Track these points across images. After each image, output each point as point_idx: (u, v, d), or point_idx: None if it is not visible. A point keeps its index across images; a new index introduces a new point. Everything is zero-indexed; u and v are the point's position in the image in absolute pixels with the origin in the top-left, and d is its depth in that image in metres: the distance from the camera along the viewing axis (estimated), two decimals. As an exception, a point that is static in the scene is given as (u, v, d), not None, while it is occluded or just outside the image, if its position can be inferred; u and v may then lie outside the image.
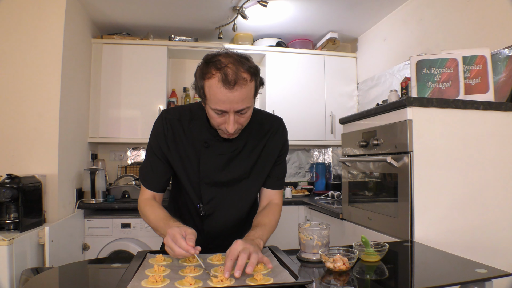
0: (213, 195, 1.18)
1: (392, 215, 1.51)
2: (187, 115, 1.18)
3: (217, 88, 0.96)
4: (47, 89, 2.14)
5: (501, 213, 1.45)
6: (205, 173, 1.16)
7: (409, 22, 2.51)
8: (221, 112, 1.00)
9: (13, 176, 1.84)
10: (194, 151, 1.16)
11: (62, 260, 2.03)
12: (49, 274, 1.12)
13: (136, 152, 3.25)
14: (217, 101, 0.98)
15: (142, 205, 1.18)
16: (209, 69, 0.97)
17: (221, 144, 1.16)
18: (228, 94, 0.96)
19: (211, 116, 1.04)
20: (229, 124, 1.01)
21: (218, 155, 1.16)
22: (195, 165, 1.16)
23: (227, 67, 0.95)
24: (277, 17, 2.84)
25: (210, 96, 0.99)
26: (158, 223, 1.08)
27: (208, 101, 1.01)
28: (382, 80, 2.82)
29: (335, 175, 3.38)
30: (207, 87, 0.99)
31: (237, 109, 0.99)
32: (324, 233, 1.08)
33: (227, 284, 0.82)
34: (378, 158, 1.60)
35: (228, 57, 0.98)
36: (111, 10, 2.70)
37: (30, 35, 2.13)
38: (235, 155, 1.17)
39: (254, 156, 1.20)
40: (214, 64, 0.97)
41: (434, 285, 0.85)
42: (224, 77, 0.94)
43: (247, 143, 1.18)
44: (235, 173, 1.18)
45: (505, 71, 1.68)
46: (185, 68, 3.36)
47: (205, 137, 1.15)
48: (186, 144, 1.16)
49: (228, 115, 1.01)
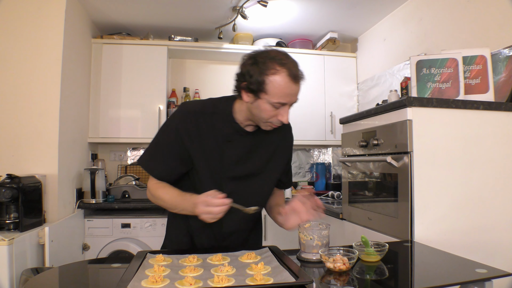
0: (232, 189, 1.19)
1: (392, 215, 1.51)
2: (209, 108, 1.19)
3: (285, 82, 1.04)
4: (47, 89, 2.14)
5: (501, 213, 1.45)
6: (228, 166, 1.18)
7: (409, 22, 2.51)
8: (280, 105, 1.07)
9: (13, 176, 1.84)
10: (216, 144, 1.17)
11: (62, 260, 2.03)
12: (49, 274, 1.12)
13: (136, 152, 3.25)
14: (281, 95, 1.05)
15: (153, 189, 1.19)
16: (272, 65, 1.04)
17: (243, 138, 1.19)
18: (293, 88, 1.06)
19: (264, 109, 1.08)
20: (285, 115, 1.09)
21: (240, 149, 1.19)
22: (217, 159, 1.17)
23: (289, 63, 1.05)
24: (277, 17, 2.84)
25: (274, 90, 1.04)
26: (175, 200, 1.14)
27: (268, 95, 1.05)
28: (382, 80, 2.82)
29: (335, 175, 3.38)
30: (269, 82, 1.04)
31: (294, 101, 1.10)
32: (324, 233, 1.08)
33: (227, 284, 0.82)
34: (378, 158, 1.60)
35: (282, 54, 1.07)
36: (111, 10, 2.70)
37: (30, 35, 2.13)
38: (254, 150, 1.22)
39: (269, 152, 1.25)
40: (275, 60, 1.04)
41: (434, 285, 0.85)
42: (291, 72, 1.04)
43: (264, 139, 1.24)
44: (253, 167, 1.22)
45: (505, 71, 1.68)
46: (185, 68, 3.36)
47: (227, 131, 1.18)
48: (209, 137, 1.17)
49: (285, 107, 1.09)
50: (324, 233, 1.08)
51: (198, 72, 3.38)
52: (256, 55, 1.08)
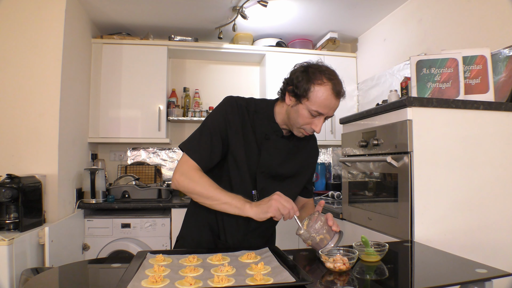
0: (264, 185, 1.24)
1: (392, 215, 1.51)
2: (252, 106, 1.26)
3: (328, 95, 1.12)
4: (47, 89, 2.14)
5: (501, 213, 1.45)
6: (264, 163, 1.23)
7: (409, 22, 2.51)
8: (318, 114, 1.14)
9: (13, 176, 1.84)
10: (256, 141, 1.23)
11: (62, 260, 2.03)
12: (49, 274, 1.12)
13: (136, 152, 3.26)
14: (321, 105, 1.13)
15: (193, 174, 1.13)
16: (320, 77, 1.13)
17: (280, 140, 1.26)
18: (333, 102, 1.14)
19: (302, 115, 1.15)
20: (318, 126, 1.17)
21: (276, 149, 1.26)
22: (255, 154, 1.23)
23: (336, 80, 1.14)
24: (277, 17, 2.85)
25: (316, 99, 1.12)
26: (218, 191, 1.10)
27: (309, 102, 1.13)
28: (382, 80, 2.82)
29: (335, 175, 3.38)
30: (314, 90, 1.12)
31: (330, 115, 1.18)
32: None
33: (227, 284, 0.82)
34: (378, 158, 1.60)
35: (331, 71, 1.17)
36: (111, 10, 2.70)
37: (30, 35, 2.13)
38: (288, 153, 1.28)
39: (301, 158, 1.32)
40: (324, 74, 1.14)
41: (434, 285, 0.85)
42: (335, 87, 1.13)
43: (296, 145, 1.31)
44: (288, 169, 1.28)
45: (505, 71, 1.68)
46: (185, 68, 3.36)
47: (266, 130, 1.25)
48: (250, 133, 1.23)
49: (320, 118, 1.16)
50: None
51: (198, 72, 3.38)
52: (308, 65, 1.17)
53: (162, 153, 3.30)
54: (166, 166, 3.29)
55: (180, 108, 3.15)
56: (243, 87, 3.39)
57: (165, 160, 3.30)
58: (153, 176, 3.13)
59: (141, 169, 3.13)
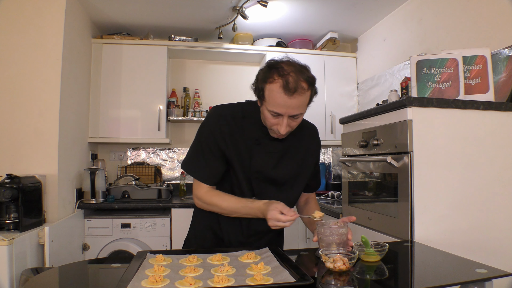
0: (261, 190, 1.23)
1: (392, 215, 1.51)
2: (239, 112, 1.23)
3: (277, 93, 1.05)
4: (47, 89, 2.14)
5: (501, 213, 1.45)
6: (256, 168, 1.21)
7: (409, 22, 2.51)
8: (276, 114, 1.09)
9: (13, 176, 1.84)
10: (246, 146, 1.21)
11: (62, 260, 2.03)
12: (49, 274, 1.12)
13: (136, 152, 3.26)
14: (275, 105, 1.07)
15: (207, 198, 1.22)
16: (272, 74, 1.06)
17: (271, 143, 1.22)
18: (287, 100, 1.05)
19: (266, 116, 1.12)
20: (282, 126, 1.10)
21: (268, 153, 1.22)
22: (247, 160, 1.21)
23: (289, 75, 1.04)
24: (277, 17, 2.84)
25: (269, 99, 1.07)
26: (237, 207, 1.17)
27: (266, 102, 1.09)
28: (382, 80, 2.82)
29: (335, 175, 3.38)
30: (267, 90, 1.07)
31: (292, 114, 1.09)
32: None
33: (227, 284, 0.82)
34: (378, 158, 1.60)
35: (291, 65, 1.07)
36: (111, 10, 2.70)
37: (30, 35, 2.13)
38: (283, 155, 1.25)
39: (298, 158, 1.28)
40: (277, 70, 1.06)
41: (434, 285, 0.85)
42: (285, 84, 1.03)
43: (292, 145, 1.27)
44: (284, 172, 1.25)
45: (505, 71, 1.68)
46: (185, 68, 3.36)
47: (256, 135, 1.22)
48: (240, 140, 1.21)
49: (283, 118, 1.09)
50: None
51: (198, 72, 3.38)
52: (268, 62, 1.11)
53: (162, 153, 3.30)
54: (166, 166, 3.29)
55: (180, 108, 3.15)
56: (243, 87, 3.38)
57: (165, 160, 3.30)
58: (153, 176, 3.13)
59: (141, 169, 3.13)
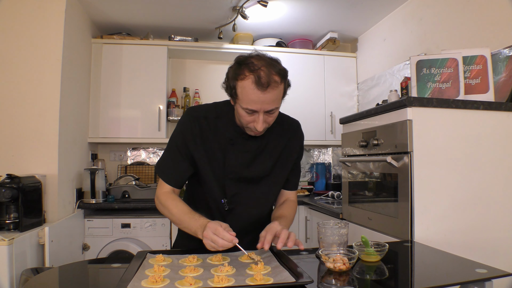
0: (237, 191, 1.20)
1: (392, 215, 1.51)
2: (212, 112, 1.21)
3: (250, 89, 1.02)
4: (47, 89, 2.14)
5: (501, 213, 1.45)
6: (231, 168, 1.19)
7: (409, 22, 2.51)
8: (251, 111, 1.06)
9: (13, 176, 1.84)
10: (219, 147, 1.19)
11: (62, 260, 2.03)
12: (49, 274, 1.12)
13: (136, 152, 3.25)
14: (249, 101, 1.04)
15: (163, 199, 1.20)
16: (242, 71, 1.03)
17: (246, 142, 1.20)
18: (261, 96, 1.02)
19: (240, 114, 1.09)
20: (258, 123, 1.07)
21: (243, 152, 1.20)
22: (220, 161, 1.19)
23: (260, 69, 1.01)
24: (277, 17, 2.84)
25: (242, 96, 1.04)
26: (183, 217, 1.13)
27: (240, 100, 1.06)
28: (382, 80, 2.82)
29: (335, 175, 3.38)
30: (239, 87, 1.04)
31: (267, 110, 1.05)
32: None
33: (227, 284, 0.82)
34: (378, 158, 1.60)
35: (261, 59, 1.04)
36: (111, 10, 2.70)
37: (30, 35, 2.13)
38: (259, 153, 1.22)
39: (275, 155, 1.24)
40: (247, 66, 1.03)
41: (434, 285, 0.85)
42: (257, 79, 1.00)
43: (269, 142, 1.23)
44: (259, 170, 1.22)
45: (505, 71, 1.68)
46: (185, 68, 3.36)
47: (230, 135, 1.19)
48: (213, 141, 1.19)
49: (258, 115, 1.06)
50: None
51: (198, 72, 3.38)
52: (237, 59, 1.08)
53: (162, 153, 3.30)
54: (166, 166, 3.29)
55: (180, 108, 3.15)
56: (243, 87, 3.38)
57: (165, 160, 3.30)
58: (153, 176, 3.13)
59: (141, 169, 3.13)
